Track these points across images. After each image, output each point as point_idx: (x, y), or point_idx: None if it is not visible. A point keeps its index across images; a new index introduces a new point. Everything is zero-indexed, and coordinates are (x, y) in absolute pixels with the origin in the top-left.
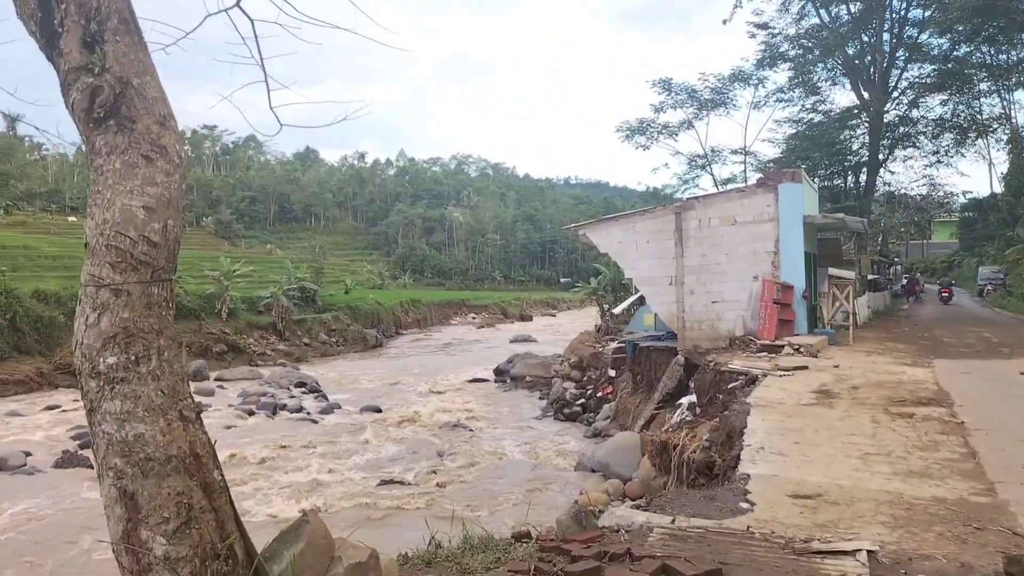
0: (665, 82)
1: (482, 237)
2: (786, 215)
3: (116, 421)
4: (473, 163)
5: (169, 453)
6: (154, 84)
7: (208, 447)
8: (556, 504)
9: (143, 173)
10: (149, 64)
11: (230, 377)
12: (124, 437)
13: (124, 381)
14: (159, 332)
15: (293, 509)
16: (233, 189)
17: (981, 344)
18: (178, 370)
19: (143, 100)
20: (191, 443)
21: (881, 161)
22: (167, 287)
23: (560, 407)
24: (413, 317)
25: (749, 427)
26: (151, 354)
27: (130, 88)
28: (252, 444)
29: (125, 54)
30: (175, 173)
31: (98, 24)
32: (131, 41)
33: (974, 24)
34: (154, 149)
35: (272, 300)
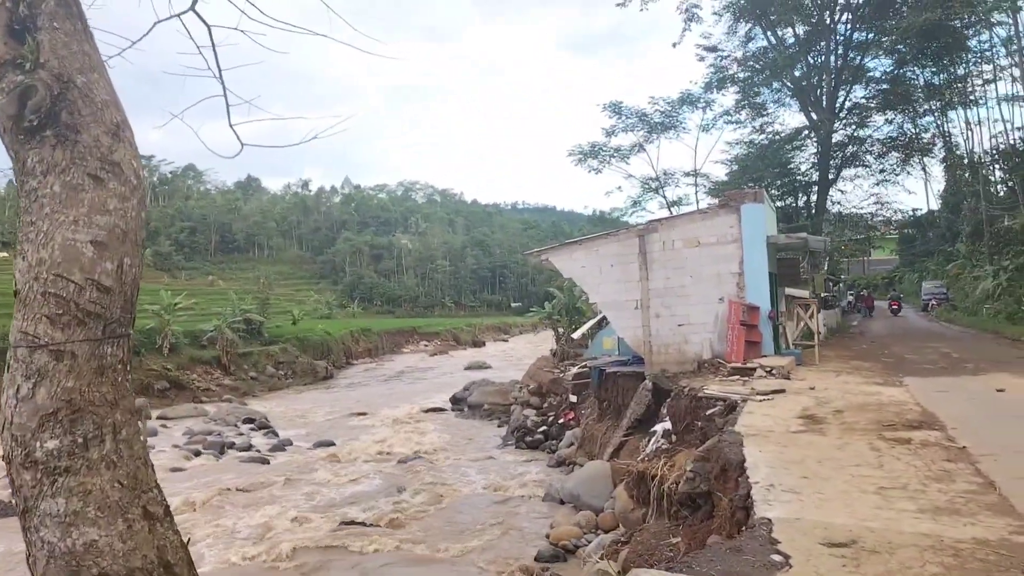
0: (615, 106)
1: (431, 263)
2: (749, 235)
3: (59, 526)
4: (420, 189)
5: (131, 566)
6: (103, 84)
7: (182, 552)
8: (527, 538)
9: (90, 198)
10: (96, 59)
11: (174, 415)
12: (71, 547)
13: (69, 471)
14: (114, 404)
15: (243, 554)
16: (172, 220)
17: (944, 360)
18: (139, 452)
19: (89, 104)
20: (160, 549)
21: (831, 180)
22: (124, 345)
23: (521, 435)
24: (364, 346)
25: (749, 461)
26: (104, 434)
27: (72, 89)
28: (199, 488)
29: (65, 45)
30: (132, 197)
31: (29, 6)
32: (73, 29)
33: (918, 44)
34: (104, 167)
35: (216, 333)
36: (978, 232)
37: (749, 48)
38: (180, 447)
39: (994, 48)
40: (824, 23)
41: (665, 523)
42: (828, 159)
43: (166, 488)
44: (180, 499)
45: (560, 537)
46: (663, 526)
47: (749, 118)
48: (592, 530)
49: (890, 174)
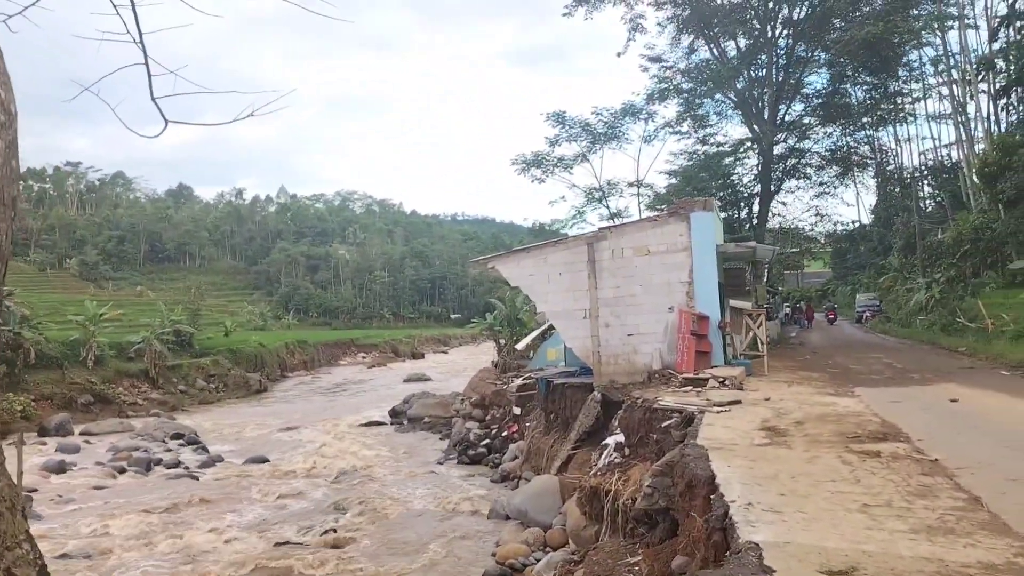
0: (559, 115)
1: (370, 274)
2: (699, 244)
3: None
4: (358, 199)
5: None
6: None
7: None
8: (473, 557)
9: None
10: None
11: (98, 431)
12: None
13: None
14: None
15: None
16: (99, 228)
17: (888, 371)
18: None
19: None
20: None
21: (772, 192)
22: None
23: (464, 449)
24: (299, 359)
25: (720, 477)
26: None
27: None
28: (124, 507)
29: None
30: None
31: None
32: None
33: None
34: None
35: (144, 345)
36: (910, 245)
37: (692, 60)
38: (104, 464)
39: (923, 67)
40: (765, 36)
41: (621, 541)
42: (770, 171)
43: (88, 508)
44: (101, 519)
45: (507, 556)
46: (619, 544)
47: (692, 129)
48: (540, 547)
49: (829, 187)
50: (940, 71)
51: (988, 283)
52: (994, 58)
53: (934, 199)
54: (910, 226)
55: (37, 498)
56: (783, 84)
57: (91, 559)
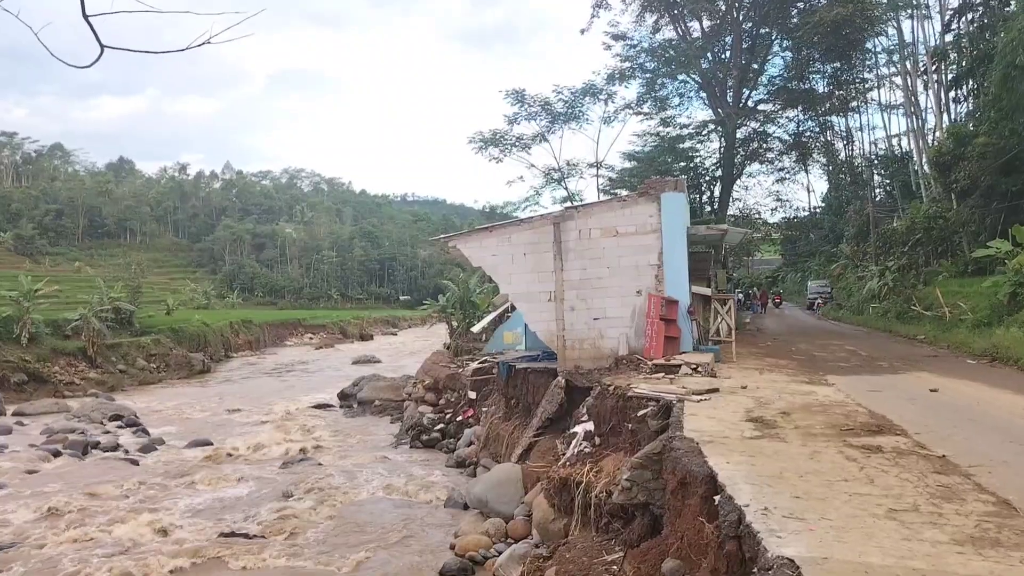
0: (518, 93)
1: (317, 254)
2: (669, 226)
3: None
4: (306, 177)
5: None
6: None
7: None
8: (430, 549)
9: None
10: None
11: (32, 411)
12: None
13: None
14: None
15: None
16: (36, 202)
17: (855, 358)
18: None
19: None
20: None
21: (734, 176)
22: None
23: (417, 434)
24: (244, 339)
25: (722, 475)
26: None
27: None
28: (57, 493)
29: None
30: None
31: None
32: None
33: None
34: None
35: (81, 323)
36: (862, 233)
37: (656, 39)
38: (37, 447)
39: (877, 56)
40: (731, 17)
41: (593, 536)
42: (732, 154)
43: (17, 495)
44: (33, 506)
45: (467, 547)
46: (592, 540)
47: (653, 111)
48: (502, 539)
49: (789, 172)
50: (894, 60)
51: (941, 271)
52: (947, 49)
53: (884, 188)
54: (863, 214)
55: None
56: (747, 67)
57: (19, 548)
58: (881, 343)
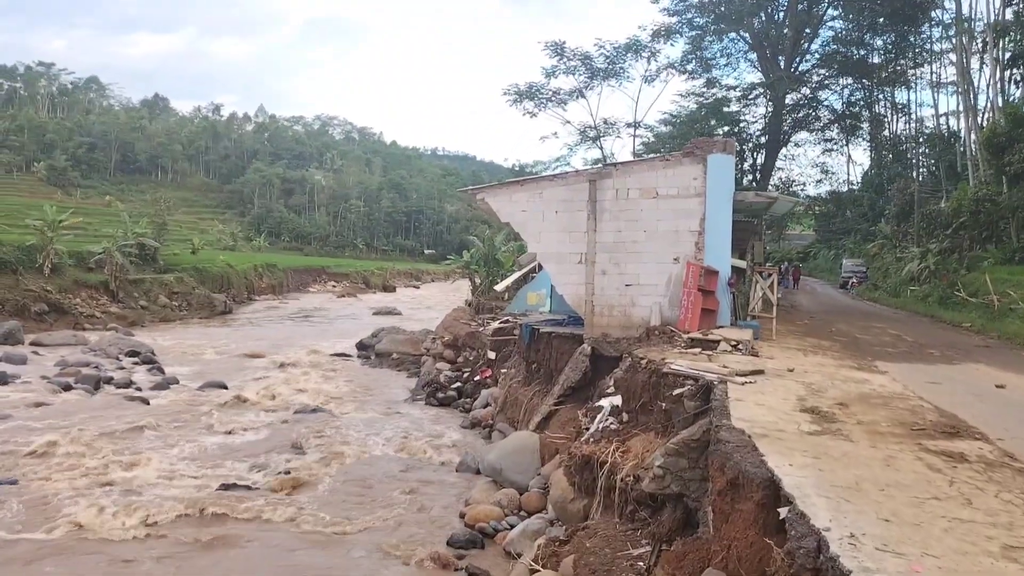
0: (558, 46)
1: (345, 203)
2: (715, 190)
3: None
4: (338, 125)
5: None
6: None
7: None
8: (439, 516)
9: None
10: None
11: (50, 342)
12: None
13: None
14: None
15: (101, 521)
16: (70, 134)
17: (901, 344)
18: None
19: None
20: None
21: (780, 144)
22: None
23: (433, 390)
24: (268, 283)
25: (787, 483)
26: None
27: None
28: (63, 429)
29: None
30: None
31: None
32: None
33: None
34: None
35: (105, 256)
36: (904, 213)
37: None
38: (49, 379)
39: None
40: None
41: (616, 523)
42: (780, 120)
43: (21, 427)
44: (36, 441)
45: (477, 518)
46: (615, 528)
47: (698, 71)
48: (514, 511)
49: (837, 143)
50: (950, 35)
51: (987, 257)
52: (1007, 25)
53: (928, 168)
54: (906, 193)
55: None
56: (801, 28)
57: (17, 485)
58: (925, 328)
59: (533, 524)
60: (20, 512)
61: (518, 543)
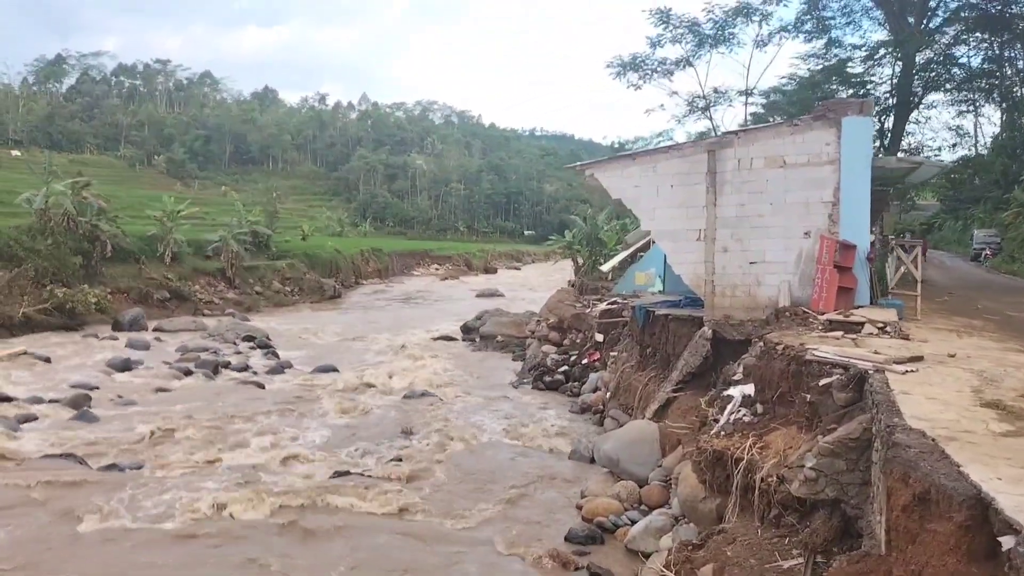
0: (663, 13)
1: (446, 186)
2: (850, 157)
3: None
4: (438, 110)
5: None
6: None
7: None
8: (554, 508)
9: None
10: None
11: (171, 328)
12: None
13: None
14: None
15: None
16: (187, 127)
17: None
18: None
19: None
20: None
21: (911, 106)
22: None
23: (539, 374)
24: (374, 267)
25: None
26: None
27: None
28: (182, 414)
29: None
30: None
31: None
32: None
33: None
34: None
35: (221, 244)
36: None
37: None
38: (171, 364)
39: None
40: None
41: (757, 527)
42: (910, 81)
43: (144, 412)
44: (158, 426)
45: (595, 512)
46: (755, 532)
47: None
48: (634, 505)
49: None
50: None
51: None
52: None
53: None
54: None
55: (96, 397)
56: None
57: (140, 471)
58: None
59: (657, 521)
60: (144, 497)
61: (641, 540)
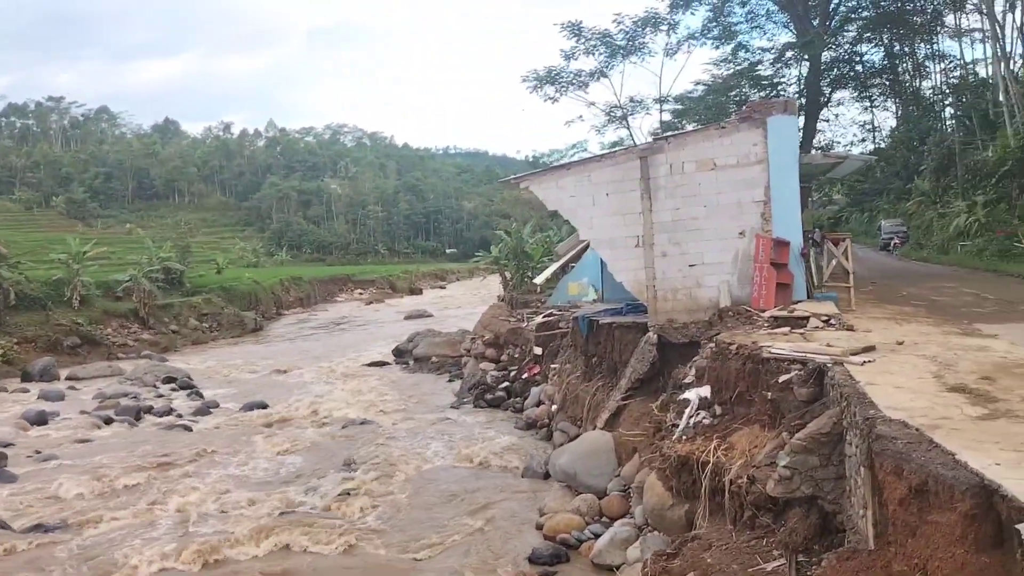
0: (575, 26)
1: (363, 209)
2: (778, 155)
3: None
4: (349, 132)
5: None
6: None
7: None
8: (514, 529)
9: None
10: None
11: (85, 375)
12: None
13: None
14: None
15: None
16: (85, 165)
17: (986, 303)
18: None
19: None
20: None
21: (821, 105)
22: None
23: (480, 393)
24: (295, 296)
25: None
26: None
27: None
28: (109, 465)
29: None
30: None
31: None
32: None
33: None
34: None
35: (132, 283)
36: (943, 167)
37: None
38: (89, 413)
39: None
40: None
41: (732, 531)
42: (818, 80)
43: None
44: (84, 479)
45: (557, 528)
46: (729, 535)
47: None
48: (596, 517)
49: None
50: None
51: None
52: None
53: (957, 119)
54: (943, 146)
55: (13, 454)
56: None
57: (68, 531)
58: (996, 284)
59: (621, 532)
60: (75, 561)
61: (607, 554)
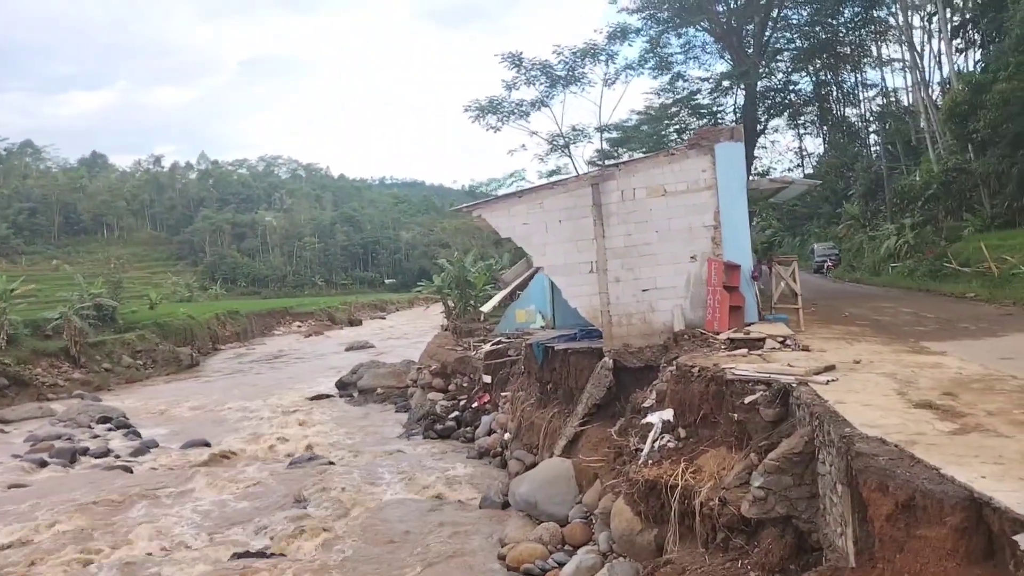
0: (515, 57)
1: (299, 241)
2: (727, 180)
3: None
4: (283, 164)
5: None
6: None
7: None
8: (476, 563)
9: None
10: None
11: (13, 417)
12: None
13: None
14: None
15: None
16: (8, 201)
17: (927, 321)
18: None
19: None
20: None
21: (758, 132)
22: None
23: (430, 423)
24: (231, 330)
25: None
26: None
27: None
28: (44, 510)
29: None
30: None
31: None
32: None
33: None
34: None
35: (62, 321)
36: (871, 191)
37: None
38: (21, 457)
39: None
40: None
41: (704, 554)
42: (755, 108)
43: (3, 513)
44: (19, 527)
45: (520, 559)
46: (703, 558)
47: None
48: (558, 546)
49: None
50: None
51: (965, 226)
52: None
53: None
54: (871, 171)
55: None
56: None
57: None
58: (931, 303)
59: (587, 560)
60: None
61: None
